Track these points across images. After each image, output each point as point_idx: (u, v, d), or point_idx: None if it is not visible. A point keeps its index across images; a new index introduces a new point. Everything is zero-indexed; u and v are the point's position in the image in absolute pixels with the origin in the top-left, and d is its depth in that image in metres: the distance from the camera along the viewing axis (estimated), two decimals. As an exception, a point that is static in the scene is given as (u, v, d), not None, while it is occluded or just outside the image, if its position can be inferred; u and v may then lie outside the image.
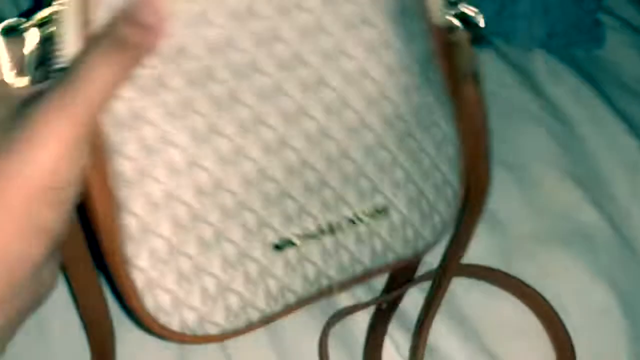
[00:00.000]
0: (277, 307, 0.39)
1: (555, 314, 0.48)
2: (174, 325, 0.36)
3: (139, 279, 0.35)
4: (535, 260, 0.52)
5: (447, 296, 0.48)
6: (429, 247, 0.45)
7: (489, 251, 0.52)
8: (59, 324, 0.45)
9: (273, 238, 0.38)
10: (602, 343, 0.48)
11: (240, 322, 0.38)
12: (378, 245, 0.42)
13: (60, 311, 0.45)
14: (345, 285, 0.42)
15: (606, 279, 0.50)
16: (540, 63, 0.64)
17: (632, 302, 0.50)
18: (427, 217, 0.43)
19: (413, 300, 0.49)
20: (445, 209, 0.44)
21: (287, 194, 0.37)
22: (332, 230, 0.40)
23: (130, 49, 0.30)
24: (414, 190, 0.42)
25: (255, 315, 0.38)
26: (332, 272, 0.41)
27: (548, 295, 0.49)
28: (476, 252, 0.51)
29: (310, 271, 0.40)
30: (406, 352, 0.47)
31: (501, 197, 0.55)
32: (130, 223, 0.34)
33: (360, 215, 0.41)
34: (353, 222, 0.40)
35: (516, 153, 0.58)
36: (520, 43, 0.64)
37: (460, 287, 0.50)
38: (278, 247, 0.38)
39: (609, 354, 0.47)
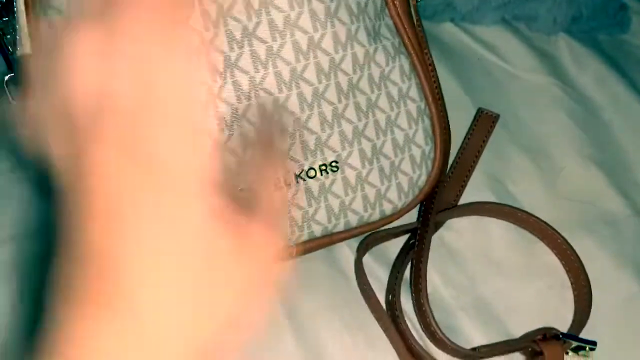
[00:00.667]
0: None
1: (554, 229, 0.49)
2: None
3: None
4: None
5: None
6: (398, 211, 0.44)
7: (511, 238, 0.51)
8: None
9: None
10: (627, 330, 0.47)
11: None
12: (334, 203, 0.41)
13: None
14: (305, 247, 0.42)
15: (631, 267, 0.50)
16: (564, 48, 0.63)
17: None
18: (389, 176, 0.42)
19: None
20: (412, 169, 0.43)
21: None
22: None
23: None
24: (367, 145, 0.41)
25: None
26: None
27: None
28: (500, 238, 0.51)
29: None
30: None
31: (524, 183, 0.55)
32: None
33: (309, 171, 0.40)
34: (301, 177, 0.40)
35: (539, 139, 0.58)
36: (544, 27, 0.63)
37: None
38: None
39: (635, 341, 0.47)
